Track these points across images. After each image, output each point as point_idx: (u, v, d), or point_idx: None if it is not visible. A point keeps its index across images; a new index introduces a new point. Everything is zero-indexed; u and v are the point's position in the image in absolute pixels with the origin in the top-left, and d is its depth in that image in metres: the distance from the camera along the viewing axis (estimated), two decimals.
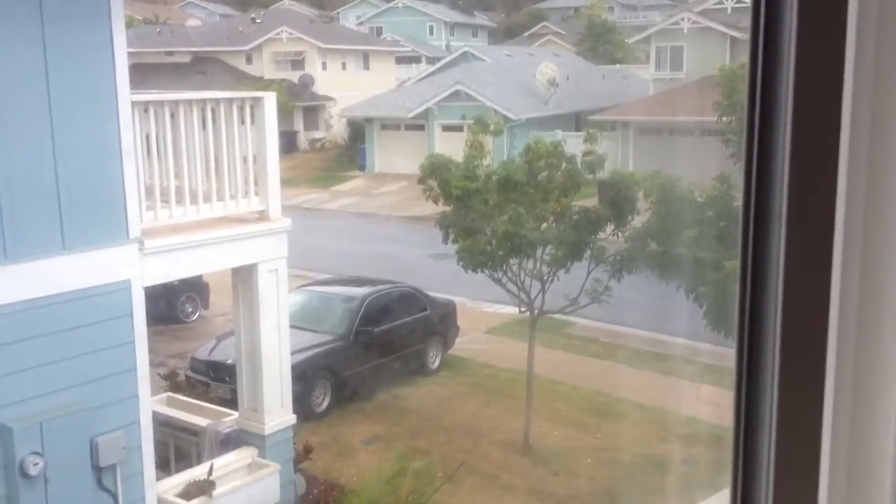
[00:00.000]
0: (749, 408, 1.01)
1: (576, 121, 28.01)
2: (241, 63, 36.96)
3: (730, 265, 9.51)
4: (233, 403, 9.46)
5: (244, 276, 8.56)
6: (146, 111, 7.74)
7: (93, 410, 6.96)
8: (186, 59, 36.18)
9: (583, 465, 10.69)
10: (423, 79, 34.48)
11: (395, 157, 29.13)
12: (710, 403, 11.28)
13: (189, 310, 15.50)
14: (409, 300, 13.85)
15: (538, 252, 11.46)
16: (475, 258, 11.34)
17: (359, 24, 48.27)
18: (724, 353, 9.92)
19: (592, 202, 12.73)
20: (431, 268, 16.48)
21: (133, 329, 7.27)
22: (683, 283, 10.69)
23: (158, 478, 7.93)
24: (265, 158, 8.52)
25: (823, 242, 0.94)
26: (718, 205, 10.39)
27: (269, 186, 8.55)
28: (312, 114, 35.88)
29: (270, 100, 8.67)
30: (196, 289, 15.09)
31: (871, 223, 0.94)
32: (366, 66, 38.87)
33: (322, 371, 12.17)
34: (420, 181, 12.31)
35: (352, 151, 32.53)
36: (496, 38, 50.02)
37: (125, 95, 7.14)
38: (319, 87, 36.00)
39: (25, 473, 6.54)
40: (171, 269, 8.09)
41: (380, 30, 46.81)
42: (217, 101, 8.44)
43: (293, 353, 9.38)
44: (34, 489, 6.59)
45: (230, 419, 9.03)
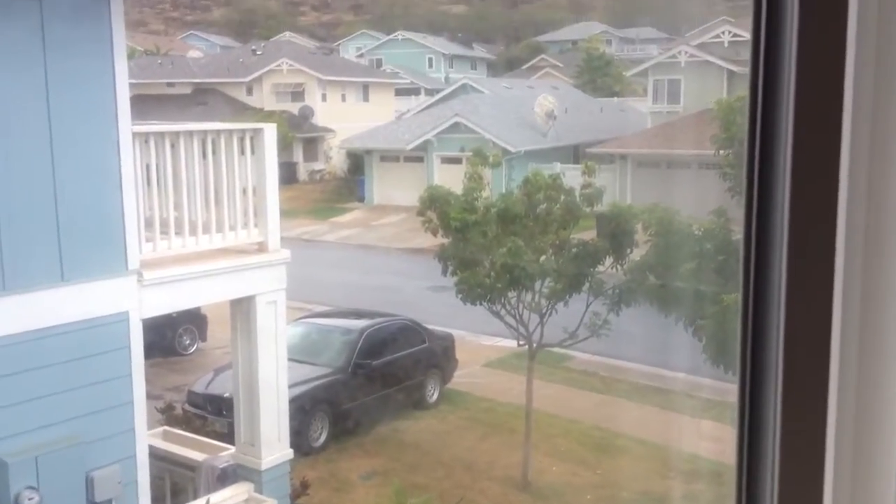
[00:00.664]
0: (751, 443, 1.00)
1: (574, 153, 28.15)
2: (242, 94, 37.21)
3: (728, 298, 9.49)
4: (230, 437, 9.38)
5: (243, 308, 8.53)
6: (147, 142, 7.76)
7: (89, 444, 6.89)
8: (187, 91, 36.42)
9: (582, 502, 10.59)
10: (423, 111, 34.70)
11: (395, 189, 29.21)
12: (711, 439, 11.19)
13: (187, 342, 15.44)
14: (408, 333, 13.80)
15: (537, 285, 11.46)
16: (474, 290, 11.33)
17: (359, 56, 48.70)
18: (725, 389, 9.88)
19: (591, 235, 12.75)
20: (430, 300, 16.44)
21: (130, 362, 7.22)
22: (682, 317, 10.67)
23: None
24: (265, 190, 8.53)
25: (824, 275, 0.94)
26: (716, 238, 10.40)
27: (269, 218, 8.55)
28: (312, 145, 36.05)
29: (270, 131, 8.71)
30: (194, 321, 15.04)
31: (872, 255, 0.95)
32: (365, 98, 39.14)
33: (320, 404, 12.09)
34: (419, 213, 12.34)
35: (351, 183, 32.63)
36: (495, 71, 50.44)
37: (126, 126, 7.16)
38: (319, 119, 36.22)
39: None
40: (170, 301, 8.06)
41: (380, 62, 47.22)
42: (217, 133, 8.47)
43: (291, 387, 9.32)
44: None
45: (227, 454, 8.94)
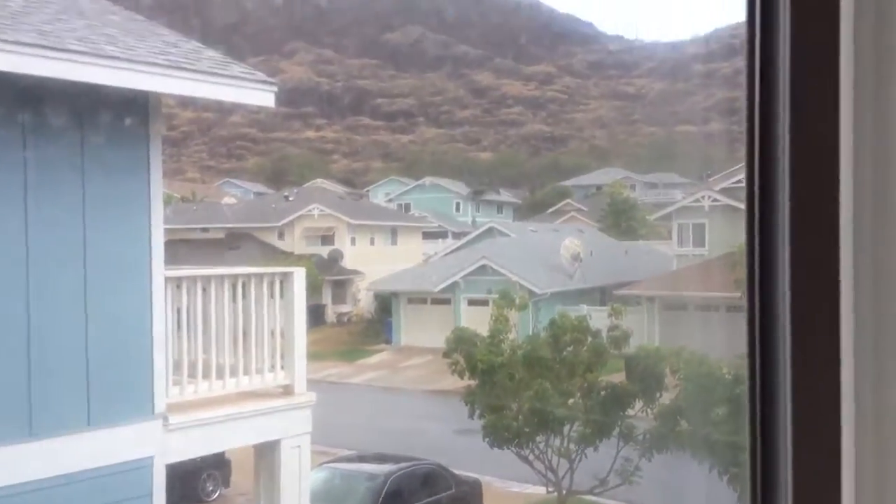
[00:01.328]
0: (764, 471, 0.98)
1: (601, 295, 28.19)
2: (273, 238, 38.09)
3: None
4: None
5: (266, 453, 8.42)
6: (179, 286, 7.91)
7: None
8: (221, 235, 37.39)
9: None
10: (450, 253, 35.21)
11: (422, 331, 29.24)
12: None
13: (210, 488, 15.15)
14: (434, 478, 13.46)
15: (565, 429, 11.26)
16: (501, 434, 11.16)
17: (388, 201, 49.98)
18: None
19: (619, 377, 12.61)
20: (457, 444, 16.12)
21: None
22: (716, 464, 10.37)
23: None
24: (292, 333, 8.59)
25: (829, 344, 0.94)
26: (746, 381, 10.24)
27: (296, 361, 8.57)
28: (340, 287, 36.49)
29: (300, 274, 8.86)
30: (217, 466, 14.81)
31: (880, 319, 0.94)
32: (393, 242, 39.87)
33: None
34: (445, 355, 12.34)
35: (378, 325, 32.76)
36: (521, 215, 51.38)
37: (159, 272, 7.34)
38: (348, 262, 36.84)
39: None
40: (195, 446, 7.99)
41: (408, 206, 48.38)
42: (248, 276, 8.63)
43: None
44: None
45: None
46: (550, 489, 11.43)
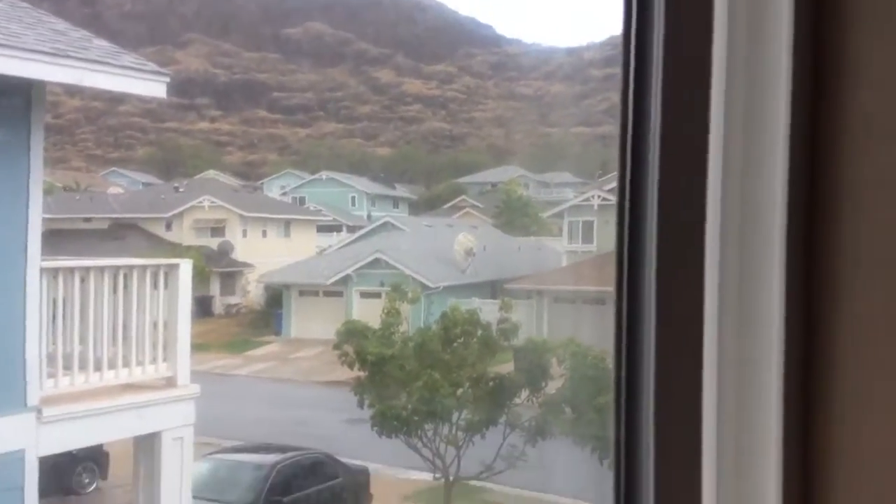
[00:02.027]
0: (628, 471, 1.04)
1: (492, 289, 28.67)
2: (161, 230, 37.04)
3: None
4: None
5: (146, 445, 8.29)
6: (55, 277, 7.70)
7: None
8: (104, 226, 36.09)
9: None
10: (344, 247, 35.06)
11: (312, 323, 29.05)
12: None
13: (86, 480, 14.69)
14: (321, 467, 13.47)
15: (454, 417, 11.48)
16: (390, 423, 11.29)
17: (283, 195, 49.31)
18: None
19: (508, 368, 12.92)
20: (346, 433, 16.15)
21: (23, 503, 6.90)
22: (596, 449, 10.79)
23: None
24: (176, 324, 8.48)
25: (692, 407, 0.98)
26: None
27: (179, 352, 8.46)
28: (230, 279, 35.81)
29: (186, 266, 8.74)
30: (94, 458, 14.36)
31: (743, 312, 0.98)
32: (287, 234, 39.40)
33: None
34: (336, 346, 12.37)
35: (268, 316, 32.35)
36: (417, 210, 51.56)
37: (35, 263, 7.14)
38: (239, 254, 36.18)
39: None
40: (70, 439, 7.80)
41: (303, 199, 47.87)
42: (131, 268, 8.46)
43: None
44: None
45: None
46: (437, 475, 11.63)
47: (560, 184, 49.28)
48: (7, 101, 6.98)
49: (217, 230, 37.11)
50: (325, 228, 42.18)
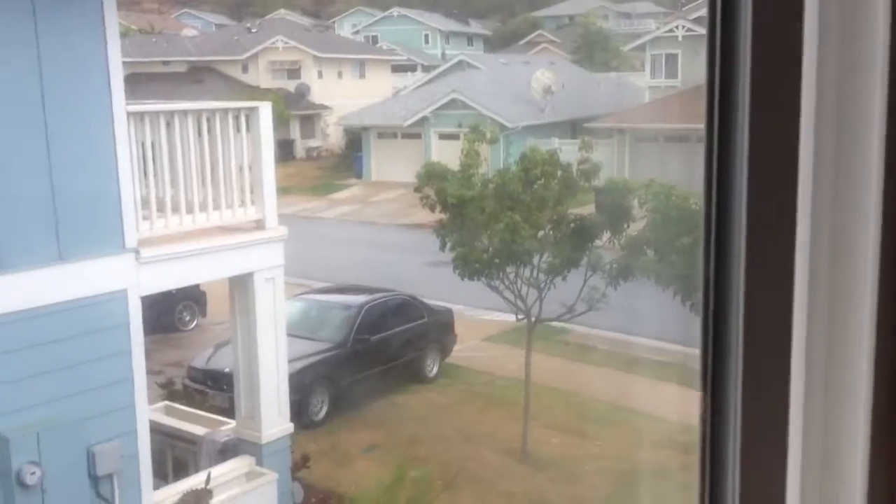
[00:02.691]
0: (714, 411, 1.02)
1: (572, 129, 28.09)
2: (238, 72, 37.04)
3: None
4: (230, 412, 9.46)
5: (241, 285, 8.57)
6: (142, 121, 7.76)
7: (89, 420, 6.95)
8: (182, 69, 36.26)
9: (581, 473, 10.70)
10: (420, 87, 34.57)
11: (392, 166, 29.17)
12: None
13: (186, 318, 15.51)
14: (407, 308, 13.86)
15: (535, 260, 11.49)
16: (471, 266, 11.37)
17: (354, 33, 48.41)
18: None
19: (589, 210, 12.76)
20: (429, 276, 16.49)
21: (130, 339, 7.28)
22: (680, 291, 10.71)
23: (156, 487, 7.92)
24: (261, 167, 8.54)
25: (786, 243, 0.95)
26: None
27: (266, 195, 8.57)
28: (309, 122, 35.95)
29: (266, 109, 8.70)
30: (193, 297, 15.09)
31: (837, 223, 0.94)
32: (362, 75, 38.97)
33: (320, 379, 12.18)
34: (416, 189, 12.35)
35: (348, 160, 32.59)
36: (492, 47, 50.15)
37: (120, 105, 7.16)
38: (316, 96, 36.10)
39: (22, 483, 6.54)
40: (168, 279, 8.10)
41: (375, 38, 46.95)
42: (213, 111, 8.47)
43: (291, 362, 9.39)
44: (31, 498, 6.58)
45: (228, 428, 9.03)
46: (520, 317, 11.81)
47: (642, 14, 47.08)
48: None
49: (293, 72, 36.92)
50: (400, 68, 41.53)
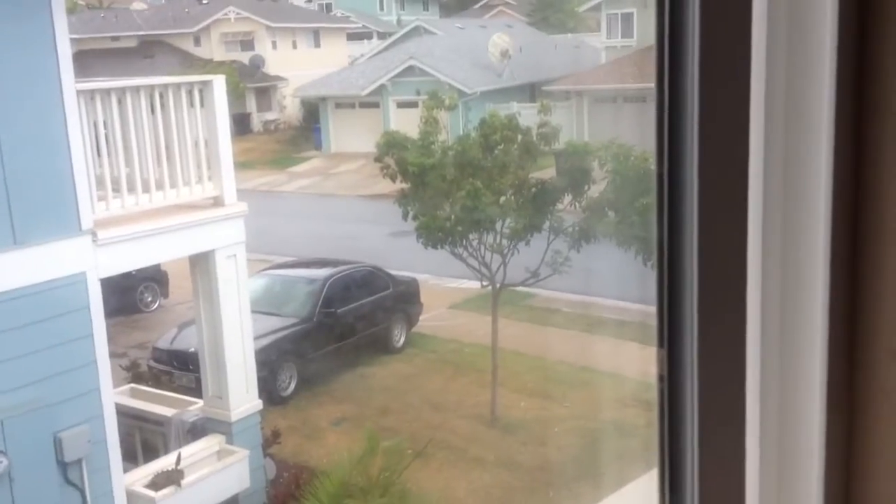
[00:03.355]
0: (672, 367, 1.03)
1: (530, 92, 28.04)
2: (190, 45, 36.32)
3: None
4: (198, 392, 9.41)
5: (202, 264, 8.49)
6: (92, 99, 7.59)
7: (55, 406, 6.88)
8: (133, 44, 35.47)
9: (550, 434, 10.84)
10: (376, 55, 34.21)
11: (351, 136, 28.94)
12: None
13: (148, 299, 15.33)
14: (372, 279, 13.83)
15: (497, 226, 11.51)
16: (434, 235, 11.36)
17: (307, 1, 47.64)
18: None
19: (550, 173, 12.80)
20: (393, 246, 16.47)
21: (91, 322, 7.18)
22: (641, 251, 10.81)
23: (126, 470, 7.88)
24: (217, 142, 8.42)
25: (738, 200, 0.95)
26: None
27: (223, 171, 8.46)
28: (265, 95, 35.44)
29: (220, 82, 8.56)
30: (154, 278, 14.91)
31: (789, 178, 0.95)
32: (317, 44, 38.44)
33: (287, 355, 12.14)
34: (377, 159, 12.27)
35: (307, 132, 32.24)
36: (447, 11, 49.66)
37: (70, 84, 7.01)
38: (271, 68, 35.55)
39: None
40: (127, 260, 7.99)
41: (329, 7, 46.25)
42: (165, 87, 8.32)
43: (256, 339, 9.34)
44: None
45: (196, 408, 8.99)
46: (485, 283, 11.85)
47: None
48: None
49: (246, 43, 36.29)
50: (355, 36, 41.00)
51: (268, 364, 11.03)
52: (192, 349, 10.18)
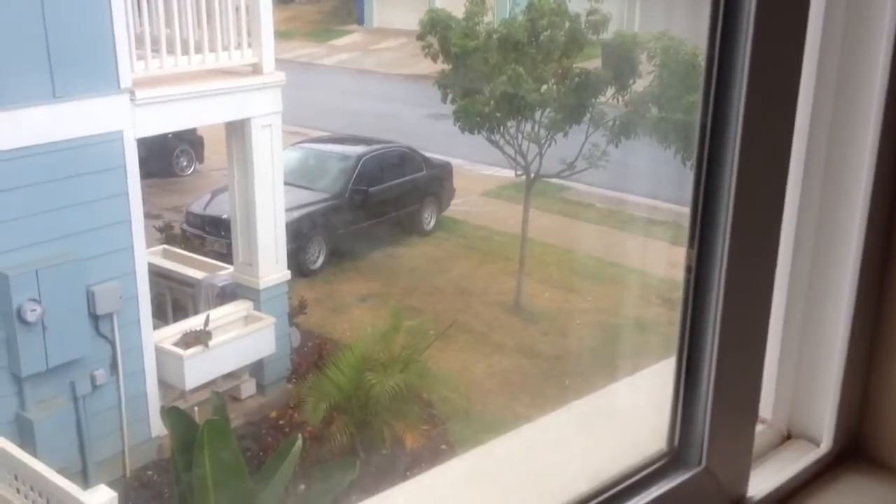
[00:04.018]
0: (700, 262, 1.02)
1: None
2: None
3: None
4: (229, 258, 9.58)
5: (238, 131, 8.48)
6: None
7: (88, 260, 7.04)
8: None
9: (572, 326, 10.97)
10: None
11: (395, 12, 28.21)
12: None
13: (184, 163, 15.42)
14: (405, 160, 13.77)
15: (537, 114, 11.31)
16: (472, 119, 11.21)
17: None
18: None
19: (595, 64, 12.46)
20: (429, 128, 16.30)
21: (126, 180, 7.26)
22: (681, 150, 10.62)
23: (156, 327, 8.13)
24: (258, 9, 8.26)
25: (787, 102, 0.92)
26: None
27: (263, 39, 8.33)
28: None
29: None
30: (190, 142, 14.95)
31: (843, 82, 0.92)
32: None
33: (317, 228, 12.25)
34: (419, 38, 12.00)
35: (349, 4, 31.49)
36: None
37: None
38: None
39: (23, 319, 6.69)
40: (164, 121, 7.99)
41: None
42: None
43: (288, 210, 9.41)
44: (33, 335, 6.75)
45: (226, 273, 9.17)
46: (519, 172, 11.75)
47: None
48: None
49: None
50: None
51: (298, 236, 11.15)
52: (225, 216, 10.30)
